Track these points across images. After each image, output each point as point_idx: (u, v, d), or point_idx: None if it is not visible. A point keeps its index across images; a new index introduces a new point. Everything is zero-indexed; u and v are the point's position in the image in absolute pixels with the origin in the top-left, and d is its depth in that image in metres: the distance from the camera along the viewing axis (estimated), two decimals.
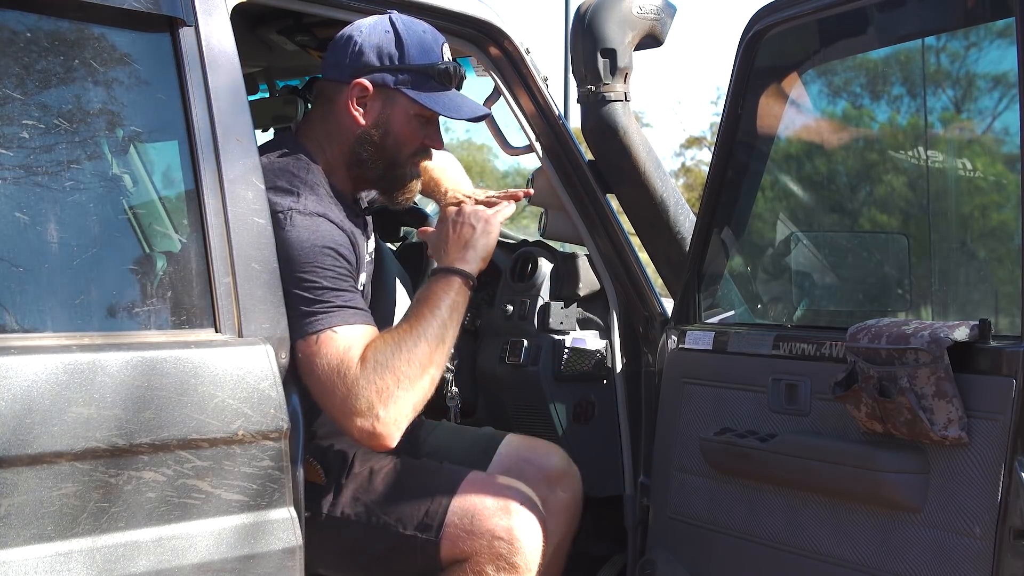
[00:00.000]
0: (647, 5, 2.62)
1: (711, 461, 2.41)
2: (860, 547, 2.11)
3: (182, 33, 1.92)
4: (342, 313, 2.05)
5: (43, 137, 1.78)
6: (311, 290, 2.03)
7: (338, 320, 2.03)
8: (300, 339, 2.01)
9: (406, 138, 2.24)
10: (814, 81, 2.75)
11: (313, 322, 2.02)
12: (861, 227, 2.98)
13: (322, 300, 2.04)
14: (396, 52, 2.19)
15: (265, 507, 1.85)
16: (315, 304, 2.03)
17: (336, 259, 2.09)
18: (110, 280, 1.84)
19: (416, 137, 2.26)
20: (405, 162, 2.27)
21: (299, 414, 1.93)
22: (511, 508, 2.19)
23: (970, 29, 2.52)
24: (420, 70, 2.20)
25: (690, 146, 22.23)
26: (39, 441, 1.62)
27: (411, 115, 2.23)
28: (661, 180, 2.69)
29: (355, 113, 2.21)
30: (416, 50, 2.20)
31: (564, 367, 2.78)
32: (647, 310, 2.74)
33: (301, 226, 2.07)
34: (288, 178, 2.15)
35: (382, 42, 2.20)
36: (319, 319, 2.03)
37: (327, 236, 2.09)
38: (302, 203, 2.11)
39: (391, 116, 2.22)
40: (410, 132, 2.24)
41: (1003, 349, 1.90)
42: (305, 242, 2.06)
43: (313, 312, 2.03)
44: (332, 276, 2.07)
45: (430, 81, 2.21)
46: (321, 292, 2.04)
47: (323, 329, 2.02)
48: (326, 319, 2.03)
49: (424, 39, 2.22)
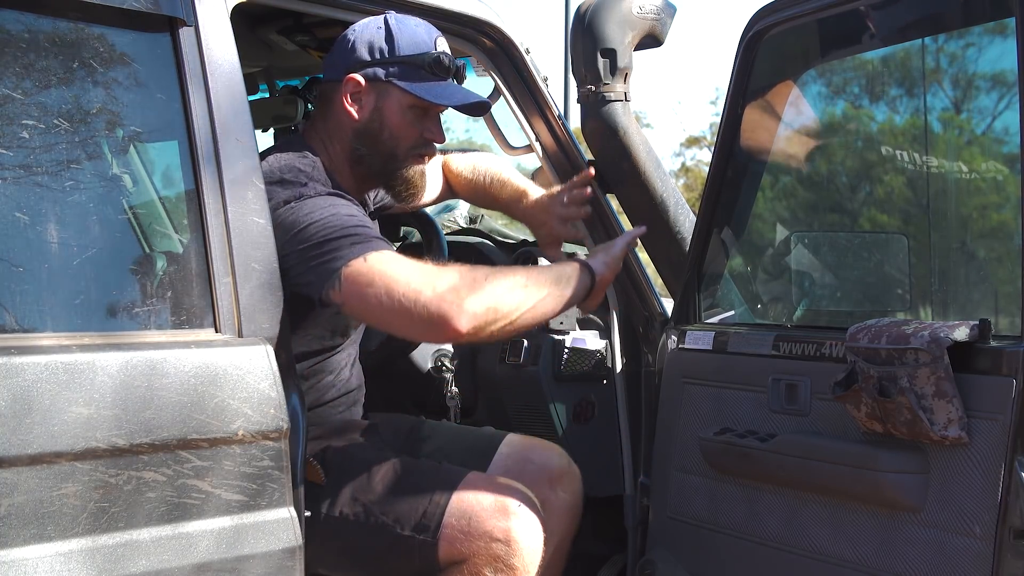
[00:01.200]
0: (647, 5, 2.62)
1: (711, 461, 2.41)
2: (860, 547, 2.11)
3: (182, 33, 1.92)
4: (379, 243, 2.04)
5: (43, 137, 1.78)
6: (341, 229, 2.02)
7: (380, 246, 2.03)
8: (344, 266, 1.97)
9: (402, 131, 2.25)
10: (814, 81, 2.75)
11: (353, 250, 1.99)
12: (861, 227, 2.98)
13: (355, 234, 2.02)
14: (386, 46, 2.22)
15: (265, 507, 1.85)
16: (349, 238, 2.01)
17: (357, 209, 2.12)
18: (110, 280, 1.84)
19: (413, 129, 2.26)
20: (404, 156, 2.28)
21: (299, 414, 1.93)
22: (509, 509, 2.18)
23: (970, 29, 2.52)
24: (410, 61, 2.21)
25: (690, 146, 22.25)
26: (39, 441, 1.62)
27: (405, 107, 2.24)
28: (661, 180, 2.69)
29: (349, 109, 2.24)
30: (406, 42, 2.22)
31: (564, 367, 2.78)
32: (647, 310, 2.74)
33: (314, 201, 2.09)
34: (295, 173, 2.16)
35: (373, 37, 2.23)
36: (357, 247, 2.00)
37: (343, 202, 2.12)
38: (311, 188, 2.13)
39: (384, 109, 2.24)
40: (406, 124, 2.25)
41: (1003, 349, 1.90)
42: (322, 204, 2.07)
43: (350, 244, 2.00)
44: (357, 221, 2.07)
45: (421, 71, 2.22)
46: (351, 228, 2.03)
47: (367, 252, 1.99)
48: (365, 246, 2.01)
49: (416, 32, 2.24)
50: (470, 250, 3.28)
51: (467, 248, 3.29)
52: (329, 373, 2.34)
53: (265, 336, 1.90)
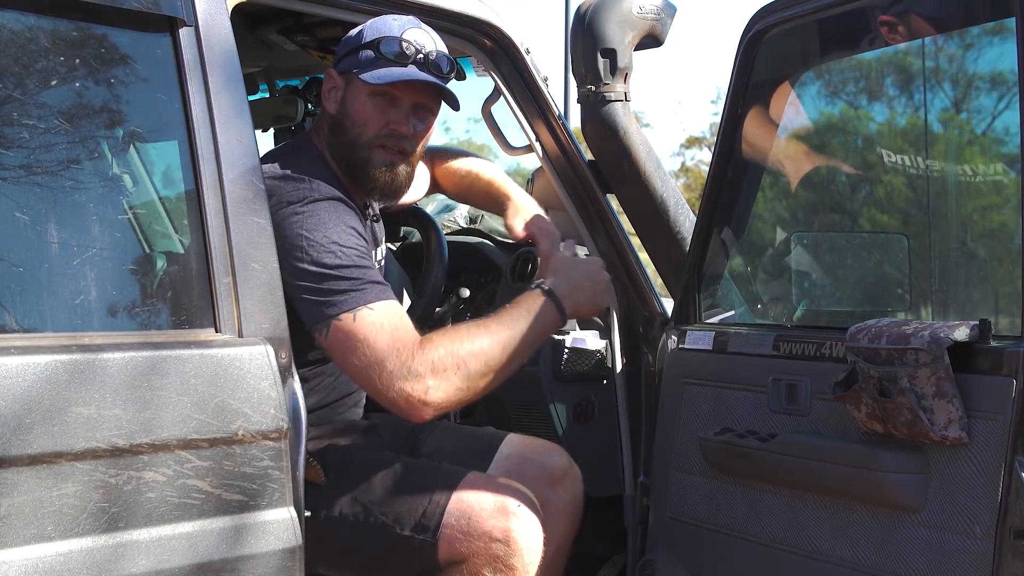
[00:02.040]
0: (647, 5, 2.62)
1: (711, 461, 2.41)
2: (860, 547, 2.11)
3: (182, 33, 1.92)
4: (374, 289, 2.08)
5: (43, 137, 1.78)
6: (339, 268, 2.07)
7: (373, 296, 2.06)
8: (336, 322, 2.04)
9: (365, 118, 2.26)
10: (814, 81, 2.75)
11: (347, 300, 2.05)
12: (861, 227, 2.98)
13: (352, 277, 2.07)
14: (356, 39, 2.26)
15: (265, 507, 1.85)
16: (346, 281, 2.06)
17: (358, 239, 2.13)
18: (110, 280, 1.83)
19: (377, 119, 2.26)
20: (367, 145, 2.27)
21: (299, 414, 1.93)
22: (508, 509, 2.18)
23: (970, 29, 2.52)
24: (368, 46, 2.22)
25: (690, 146, 22.25)
26: (39, 441, 1.62)
27: (366, 95, 2.25)
28: (661, 180, 2.69)
29: (326, 102, 2.29)
30: (370, 32, 2.24)
31: (564, 367, 2.78)
32: (647, 310, 2.74)
33: (319, 209, 2.11)
34: (300, 170, 2.18)
35: (351, 34, 2.28)
36: (352, 296, 2.05)
37: (346, 217, 2.14)
38: (316, 189, 2.15)
39: (349, 98, 2.27)
40: (368, 113, 2.25)
41: (1003, 349, 1.90)
42: (327, 223, 2.10)
43: (344, 290, 2.05)
44: (357, 255, 2.10)
45: (382, 59, 2.22)
46: (349, 269, 2.07)
47: (359, 305, 2.04)
48: (359, 296, 2.05)
49: (384, 23, 2.25)
50: (470, 250, 3.28)
51: (467, 248, 3.28)
52: (330, 375, 2.34)
53: (265, 336, 1.90)
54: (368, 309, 2.05)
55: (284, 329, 1.94)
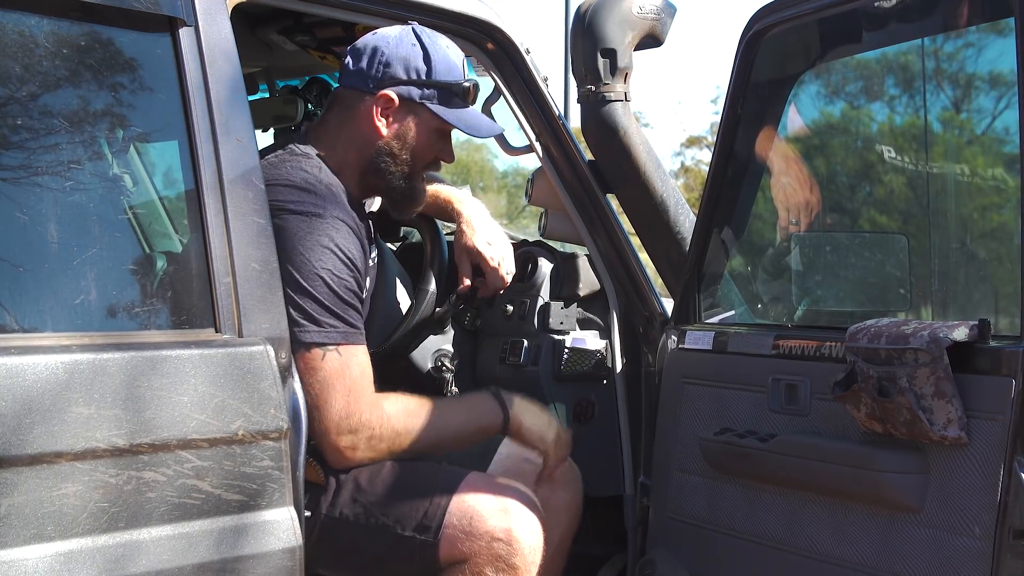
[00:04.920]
0: (647, 5, 2.62)
1: (711, 461, 2.41)
2: (860, 547, 2.11)
3: (182, 33, 1.92)
4: (348, 333, 2.12)
5: (43, 137, 1.79)
6: (326, 296, 2.09)
7: (345, 340, 2.11)
8: (304, 349, 2.07)
9: (422, 152, 2.31)
10: (814, 81, 2.75)
11: (319, 333, 2.09)
12: (861, 227, 2.98)
13: (333, 312, 2.10)
14: (424, 67, 2.25)
15: (265, 507, 1.85)
16: (327, 314, 2.09)
17: (351, 270, 2.15)
18: (110, 280, 1.84)
19: (432, 151, 2.32)
20: (417, 174, 2.33)
21: (299, 414, 1.93)
22: (510, 509, 2.18)
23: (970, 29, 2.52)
24: (446, 87, 2.26)
25: (690, 146, 22.23)
26: (39, 441, 1.62)
27: (431, 129, 2.29)
28: (661, 180, 2.69)
29: (378, 123, 2.26)
30: (443, 66, 2.26)
31: (564, 367, 2.78)
32: (647, 310, 2.74)
33: (322, 229, 2.12)
34: (305, 178, 2.18)
35: (409, 55, 2.25)
36: (326, 333, 2.09)
37: (346, 244, 2.14)
38: (322, 206, 2.14)
39: (413, 129, 2.28)
40: (428, 146, 2.31)
41: (1003, 349, 1.90)
42: (326, 246, 2.11)
43: (320, 322, 2.08)
44: (346, 288, 2.13)
45: (454, 98, 2.28)
46: (334, 303, 2.10)
47: (329, 344, 2.09)
48: (332, 334, 2.10)
49: (449, 55, 2.28)
50: None
51: None
52: None
53: (265, 336, 1.90)
54: (336, 353, 2.09)
55: (284, 329, 1.94)
